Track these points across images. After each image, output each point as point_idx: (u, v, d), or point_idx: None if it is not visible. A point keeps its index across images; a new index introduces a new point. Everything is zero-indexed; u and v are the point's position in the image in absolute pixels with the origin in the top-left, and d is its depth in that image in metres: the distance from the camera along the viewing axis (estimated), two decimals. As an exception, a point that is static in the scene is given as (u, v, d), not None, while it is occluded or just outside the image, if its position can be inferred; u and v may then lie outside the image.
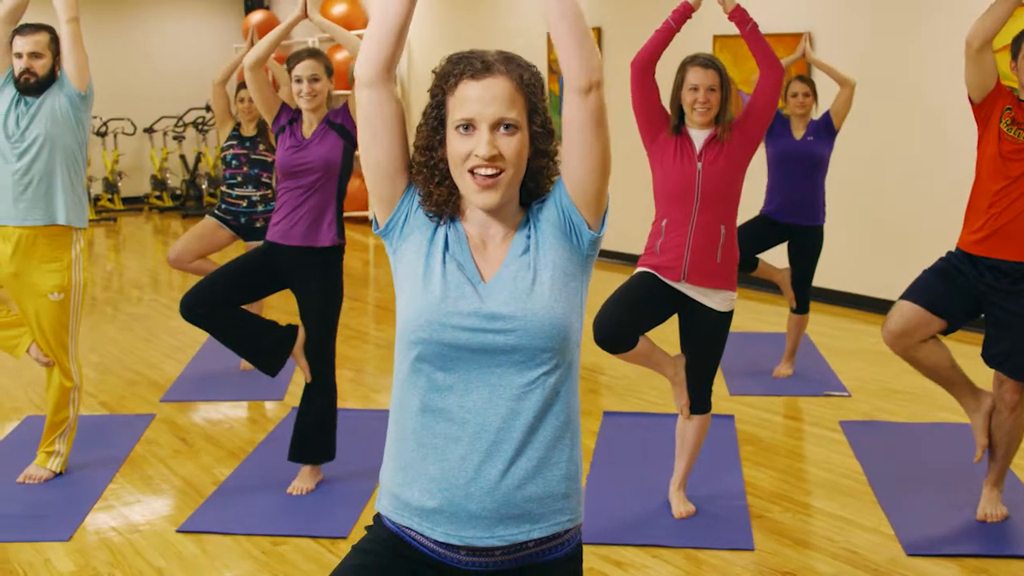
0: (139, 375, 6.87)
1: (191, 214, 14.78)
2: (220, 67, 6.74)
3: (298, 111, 4.83)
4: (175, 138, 15.67)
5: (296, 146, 4.75)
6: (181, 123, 15.74)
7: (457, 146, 2.03)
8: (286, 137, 4.78)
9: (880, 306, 8.21)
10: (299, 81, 4.68)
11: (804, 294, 6.48)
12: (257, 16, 15.91)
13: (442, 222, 2.12)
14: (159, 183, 15.64)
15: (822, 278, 6.83)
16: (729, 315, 4.42)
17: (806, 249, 6.43)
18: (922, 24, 7.96)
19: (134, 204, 15.84)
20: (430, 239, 2.10)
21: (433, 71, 2.10)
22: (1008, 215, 4.21)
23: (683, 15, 4.38)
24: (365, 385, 6.63)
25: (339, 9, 13.89)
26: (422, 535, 2.08)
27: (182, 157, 15.69)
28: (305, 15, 4.86)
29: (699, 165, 4.29)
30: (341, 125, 4.75)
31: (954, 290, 4.31)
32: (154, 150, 15.77)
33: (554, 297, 2.03)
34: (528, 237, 2.09)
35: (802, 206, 6.33)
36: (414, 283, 2.06)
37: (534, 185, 2.12)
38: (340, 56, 12.69)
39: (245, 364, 6.91)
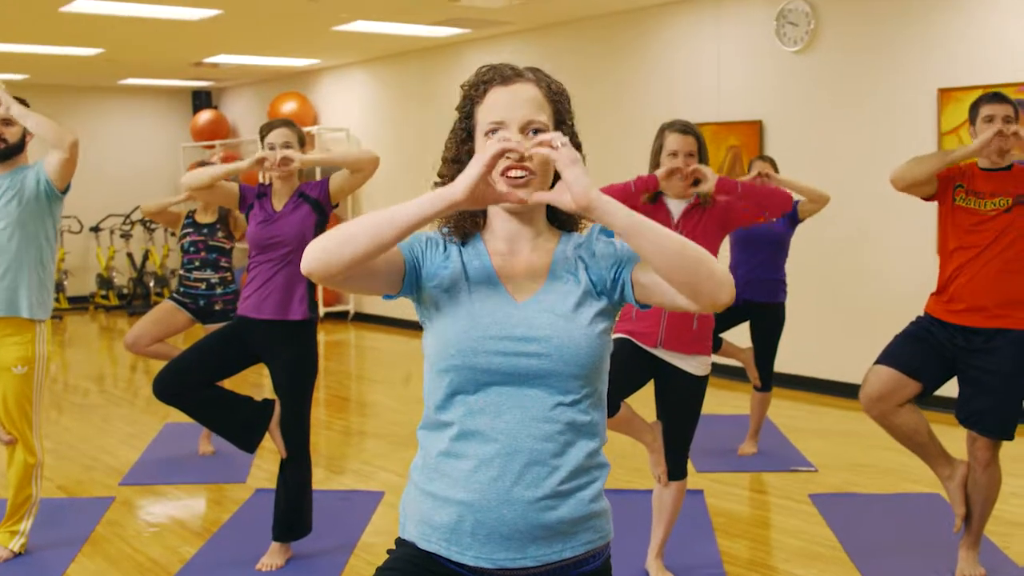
0: (96, 460, 6.73)
1: (138, 312, 14.60)
2: (151, 203, 6.75)
3: (263, 186, 4.80)
4: (122, 236, 15.57)
5: (267, 220, 4.70)
6: (128, 221, 15.66)
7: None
8: (256, 212, 4.73)
9: (839, 389, 8.29)
10: (272, 149, 4.65)
11: (767, 372, 6.52)
12: (205, 116, 15.97)
13: (456, 240, 2.11)
14: (105, 282, 15.50)
15: (781, 363, 6.86)
16: (705, 379, 4.42)
17: (768, 326, 6.48)
18: (876, 108, 8.15)
19: (79, 303, 15.65)
20: (448, 272, 2.07)
21: (461, 86, 2.11)
22: (974, 285, 4.29)
23: (645, 186, 4.30)
24: (322, 467, 6.52)
25: (289, 107, 13.97)
26: (450, 560, 2.03)
27: (129, 255, 15.57)
28: (260, 164, 4.63)
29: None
30: (316, 200, 4.71)
31: (927, 352, 4.36)
32: (100, 249, 15.65)
33: (594, 325, 2.02)
34: (574, 267, 2.07)
35: (763, 285, 6.39)
36: (441, 317, 2.04)
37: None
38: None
39: (204, 448, 6.81)
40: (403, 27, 10.85)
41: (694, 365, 4.35)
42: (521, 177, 2.00)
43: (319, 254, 1.95)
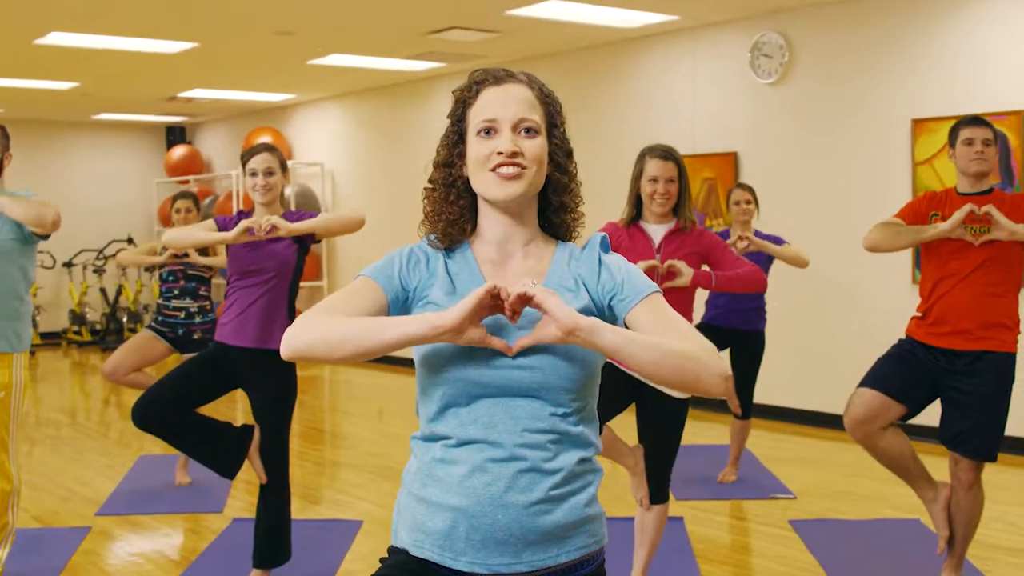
0: (71, 492, 6.65)
1: (111, 348, 14.49)
2: (127, 256, 6.84)
3: (241, 214, 4.75)
4: (95, 271, 15.47)
5: (250, 246, 4.66)
6: (101, 256, 15.57)
7: (479, 148, 2.03)
8: None
9: (818, 418, 8.29)
10: (254, 175, 4.62)
11: (747, 399, 6.52)
12: (179, 151, 15.94)
13: (441, 247, 2.10)
14: (78, 317, 15.39)
15: (759, 393, 6.86)
16: (686, 403, 4.41)
17: (748, 353, 6.49)
18: (851, 139, 8.21)
19: (52, 339, 15.54)
20: (435, 289, 2.05)
21: (453, 92, 2.11)
22: (958, 308, 4.31)
23: None
24: (297, 496, 6.45)
25: (263, 140, 13.93)
26: (443, 566, 2.01)
27: (102, 290, 15.47)
28: (247, 235, 4.48)
29: (657, 258, 4.31)
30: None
31: (911, 374, 4.38)
32: (73, 284, 15.56)
33: None
34: (573, 282, 2.07)
35: (743, 313, 6.41)
36: None
37: (558, 201, 2.12)
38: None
39: (181, 478, 6.75)
40: (378, 61, 10.89)
41: (675, 388, 4.33)
42: (514, 174, 2.01)
43: (302, 351, 1.96)
